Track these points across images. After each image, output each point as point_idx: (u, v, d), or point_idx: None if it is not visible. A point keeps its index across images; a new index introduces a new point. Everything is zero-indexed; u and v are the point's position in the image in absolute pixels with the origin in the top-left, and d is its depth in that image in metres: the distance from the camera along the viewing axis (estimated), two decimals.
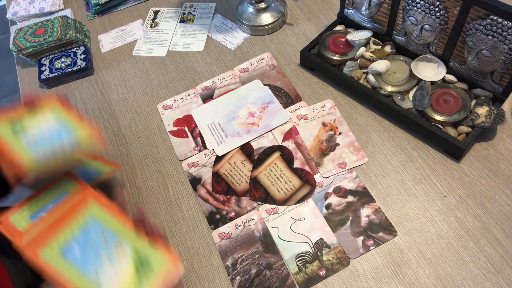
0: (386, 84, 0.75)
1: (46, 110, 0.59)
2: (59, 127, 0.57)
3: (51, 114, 0.59)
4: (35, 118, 0.58)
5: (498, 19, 0.61)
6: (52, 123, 0.58)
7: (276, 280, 0.62)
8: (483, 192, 0.65)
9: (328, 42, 0.81)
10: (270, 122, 0.78)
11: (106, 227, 0.54)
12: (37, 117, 0.58)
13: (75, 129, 0.57)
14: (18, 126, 0.56)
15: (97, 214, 0.55)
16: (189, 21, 0.99)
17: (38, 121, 0.57)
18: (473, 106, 0.69)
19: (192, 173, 0.74)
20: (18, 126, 0.56)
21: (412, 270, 0.60)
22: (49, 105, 0.60)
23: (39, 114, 0.59)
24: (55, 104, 0.60)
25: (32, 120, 0.57)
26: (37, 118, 0.58)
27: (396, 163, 0.70)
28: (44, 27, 0.93)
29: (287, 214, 0.67)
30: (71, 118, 0.59)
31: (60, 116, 0.59)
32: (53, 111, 0.59)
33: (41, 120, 0.58)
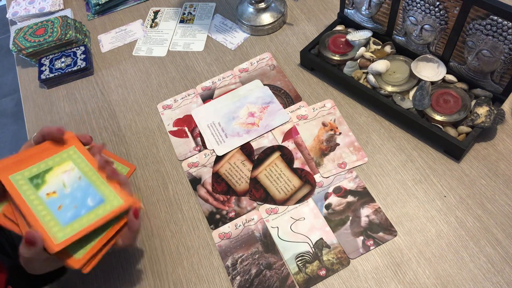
0: (386, 84, 0.75)
1: (64, 158, 0.57)
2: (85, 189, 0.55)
3: (72, 166, 0.57)
4: (55, 171, 0.56)
5: (498, 19, 0.61)
6: (75, 181, 0.56)
7: (276, 280, 0.62)
8: (483, 192, 0.66)
9: (328, 42, 0.81)
10: (270, 122, 0.78)
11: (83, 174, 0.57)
12: (56, 168, 0.56)
13: (105, 194, 0.55)
14: (38, 181, 0.55)
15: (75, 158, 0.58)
16: (189, 21, 0.99)
17: (58, 174, 0.56)
18: (473, 106, 0.69)
19: (192, 173, 0.74)
20: (38, 181, 0.55)
21: (412, 270, 0.60)
22: (67, 152, 0.58)
23: (58, 165, 0.57)
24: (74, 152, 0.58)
25: (51, 174, 0.56)
26: (56, 170, 0.56)
27: (396, 163, 0.70)
28: (44, 27, 0.93)
29: (287, 214, 0.67)
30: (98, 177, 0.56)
31: (85, 174, 0.56)
32: (75, 163, 0.57)
33: (61, 174, 0.56)
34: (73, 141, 0.59)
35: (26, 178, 0.54)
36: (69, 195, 0.54)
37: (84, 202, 0.54)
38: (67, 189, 0.55)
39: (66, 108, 0.87)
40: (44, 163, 0.56)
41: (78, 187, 0.55)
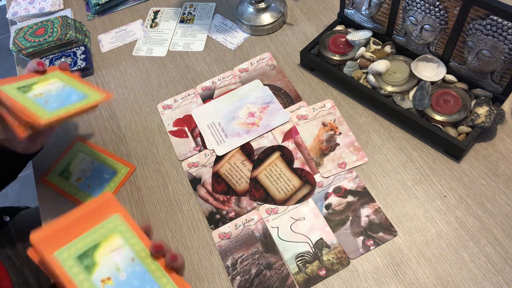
0: (386, 84, 0.75)
1: (50, 77, 0.64)
2: (69, 91, 0.62)
3: (57, 80, 0.63)
4: (41, 83, 0.62)
5: (498, 19, 0.61)
6: (60, 88, 0.62)
7: (276, 280, 0.62)
8: (483, 192, 0.65)
9: (328, 42, 0.81)
10: (270, 122, 0.78)
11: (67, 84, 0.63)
12: (42, 82, 0.63)
13: (86, 93, 0.62)
14: (26, 89, 0.61)
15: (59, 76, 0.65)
16: (189, 21, 0.99)
17: (44, 85, 0.62)
18: (473, 106, 0.69)
19: (192, 173, 0.74)
20: (26, 89, 0.61)
21: (412, 270, 0.60)
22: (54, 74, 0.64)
23: (43, 80, 0.63)
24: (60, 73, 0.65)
25: (38, 84, 0.62)
26: (43, 83, 0.63)
27: (396, 163, 0.70)
28: (44, 27, 0.93)
29: (287, 214, 0.67)
30: (80, 83, 0.64)
31: (68, 83, 0.63)
32: (58, 78, 0.64)
33: (48, 85, 0.62)
34: (115, 207, 0.50)
35: (73, 256, 0.44)
36: (125, 283, 0.45)
37: (69, 98, 0.57)
38: (122, 275, 0.45)
39: None
40: (90, 235, 0.46)
41: (133, 272, 0.46)
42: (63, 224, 0.46)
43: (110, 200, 0.50)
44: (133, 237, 0.48)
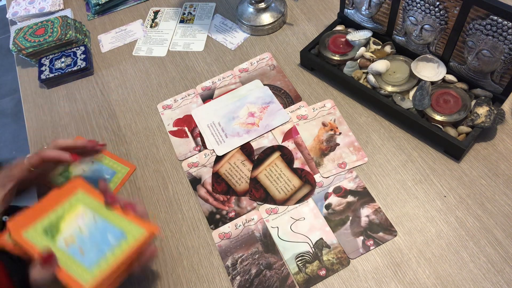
0: (386, 84, 0.75)
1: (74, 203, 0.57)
2: (103, 228, 0.55)
3: (84, 210, 0.56)
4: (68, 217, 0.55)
5: (498, 19, 0.61)
6: (91, 224, 0.55)
7: (276, 280, 0.62)
8: (483, 192, 0.65)
9: (328, 42, 0.81)
10: (270, 122, 0.78)
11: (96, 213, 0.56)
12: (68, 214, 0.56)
13: (124, 228, 0.55)
14: (51, 229, 0.54)
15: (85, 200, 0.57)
16: (189, 21, 0.99)
17: (72, 221, 0.55)
18: (473, 106, 0.69)
19: (192, 173, 0.74)
20: (51, 229, 0.54)
21: (412, 270, 0.60)
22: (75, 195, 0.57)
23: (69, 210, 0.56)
24: (82, 194, 0.58)
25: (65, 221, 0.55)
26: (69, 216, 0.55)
27: (396, 163, 0.70)
28: (44, 27, 0.93)
29: (287, 214, 0.67)
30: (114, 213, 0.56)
31: (100, 214, 0.56)
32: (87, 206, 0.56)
33: (76, 220, 0.55)
34: (78, 184, 0.58)
35: (39, 231, 0.53)
36: (88, 238, 0.53)
37: (105, 240, 0.53)
38: (85, 232, 0.54)
39: (66, 108, 0.87)
40: (54, 212, 0.55)
41: (95, 227, 0.54)
42: (33, 209, 0.55)
43: (76, 181, 0.59)
44: (95, 202, 0.56)
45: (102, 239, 0.53)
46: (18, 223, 0.54)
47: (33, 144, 0.83)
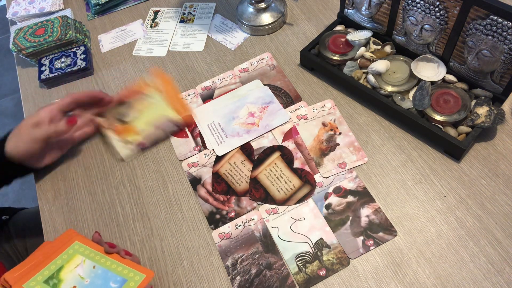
0: (386, 84, 0.75)
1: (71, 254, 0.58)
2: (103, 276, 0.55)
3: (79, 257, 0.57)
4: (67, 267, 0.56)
5: (498, 19, 0.61)
6: (88, 269, 0.56)
7: (276, 280, 0.62)
8: (483, 192, 0.66)
9: (328, 42, 0.81)
10: (270, 122, 0.78)
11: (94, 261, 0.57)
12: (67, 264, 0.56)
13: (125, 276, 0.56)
14: (55, 282, 0.55)
15: (81, 251, 0.58)
16: (189, 21, 0.99)
17: (72, 270, 0.56)
18: (473, 106, 0.69)
19: (192, 173, 0.74)
20: (55, 282, 0.55)
21: (412, 270, 0.60)
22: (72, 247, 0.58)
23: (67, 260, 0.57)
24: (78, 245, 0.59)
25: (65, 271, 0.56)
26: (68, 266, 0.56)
27: (396, 163, 0.70)
28: (44, 27, 0.93)
29: (287, 214, 0.67)
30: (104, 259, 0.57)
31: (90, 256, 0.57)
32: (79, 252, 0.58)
33: (75, 268, 0.56)
34: (74, 237, 0.60)
35: (40, 282, 0.54)
36: (90, 285, 0.54)
37: (108, 287, 0.54)
38: (86, 280, 0.55)
39: None
40: (54, 264, 0.56)
41: (96, 275, 0.55)
42: (32, 261, 0.56)
43: (70, 233, 0.61)
44: (92, 251, 0.58)
45: (105, 286, 0.54)
46: (16, 275, 0.54)
47: None
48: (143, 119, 0.76)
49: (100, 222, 0.71)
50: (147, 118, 0.76)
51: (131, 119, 0.73)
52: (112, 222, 0.71)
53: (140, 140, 0.75)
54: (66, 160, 0.79)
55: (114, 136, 0.75)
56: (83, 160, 0.79)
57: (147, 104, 0.72)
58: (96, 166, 0.78)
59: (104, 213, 0.72)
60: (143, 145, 0.74)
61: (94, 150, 0.80)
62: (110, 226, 0.70)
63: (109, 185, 0.75)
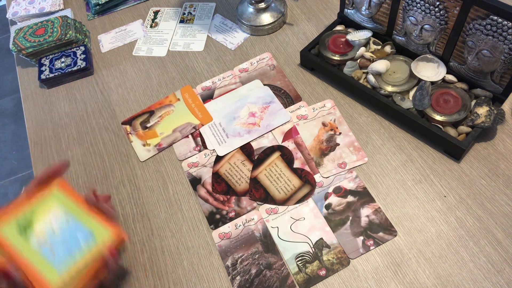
0: (386, 84, 0.75)
1: (49, 200, 0.58)
2: (73, 228, 0.57)
3: (57, 207, 0.58)
4: (41, 213, 0.57)
5: (498, 19, 0.61)
6: (63, 222, 0.57)
7: (276, 280, 0.62)
8: (483, 192, 0.66)
9: (328, 42, 0.81)
10: (271, 122, 0.78)
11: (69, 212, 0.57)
12: (42, 210, 0.57)
13: (92, 229, 0.57)
14: (25, 225, 0.56)
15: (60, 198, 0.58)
16: (189, 21, 0.99)
17: (45, 217, 0.57)
18: (473, 106, 0.69)
19: (192, 173, 0.74)
20: (25, 225, 0.56)
21: (412, 270, 0.60)
22: (51, 192, 0.59)
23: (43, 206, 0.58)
24: (58, 191, 0.59)
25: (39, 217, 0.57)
26: (43, 212, 0.57)
27: (396, 163, 0.70)
28: (44, 27, 0.93)
29: (287, 214, 0.67)
30: (84, 212, 0.58)
31: (72, 212, 0.58)
32: (60, 202, 0.58)
33: (48, 217, 0.57)
34: (56, 181, 0.60)
35: (14, 227, 0.55)
36: (59, 237, 0.55)
37: (75, 241, 0.55)
38: (57, 232, 0.56)
39: (66, 108, 0.87)
40: (29, 209, 0.57)
41: (67, 227, 0.56)
42: (10, 206, 0.56)
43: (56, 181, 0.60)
44: (69, 200, 0.58)
45: (73, 240, 0.55)
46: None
47: (33, 144, 0.83)
48: (164, 124, 0.80)
49: None
50: (167, 123, 0.80)
51: (152, 124, 0.79)
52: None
53: (159, 141, 0.78)
54: None
55: (137, 140, 0.78)
56: (83, 160, 0.79)
57: (169, 112, 0.78)
58: (96, 166, 0.78)
59: None
60: (160, 145, 0.77)
61: (94, 150, 0.80)
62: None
63: (109, 185, 0.75)
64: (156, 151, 0.77)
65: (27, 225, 0.56)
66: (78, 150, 0.80)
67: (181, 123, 0.80)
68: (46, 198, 0.58)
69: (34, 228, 0.55)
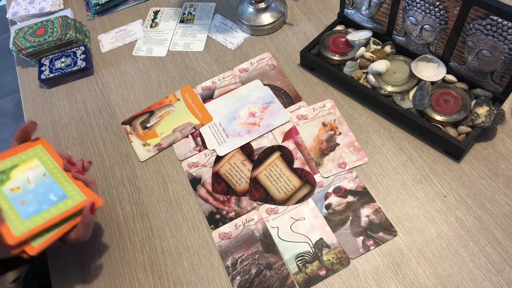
0: (386, 84, 0.75)
1: (30, 155, 0.60)
2: (48, 185, 0.58)
3: (37, 164, 0.60)
4: (21, 166, 0.59)
5: (498, 19, 0.61)
6: (39, 178, 0.59)
7: (276, 280, 0.62)
8: (483, 192, 0.66)
9: (328, 42, 0.81)
10: (271, 122, 0.78)
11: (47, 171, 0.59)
12: (22, 164, 0.59)
13: (66, 191, 0.58)
14: (4, 176, 0.57)
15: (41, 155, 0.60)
16: (189, 21, 0.99)
17: (24, 171, 0.59)
18: (473, 106, 0.69)
19: (192, 173, 0.74)
20: (4, 176, 0.57)
21: (412, 270, 0.60)
22: (34, 149, 0.61)
23: (24, 161, 0.60)
24: (41, 150, 0.61)
25: (17, 170, 0.58)
26: (22, 166, 0.59)
27: (396, 163, 0.70)
28: (44, 27, 0.93)
29: (287, 214, 0.67)
30: (62, 174, 0.60)
31: (49, 171, 0.60)
32: (40, 161, 0.60)
33: (27, 171, 0.59)
34: (41, 141, 0.62)
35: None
36: (32, 191, 0.57)
37: (47, 197, 0.56)
38: (31, 185, 0.57)
39: (66, 108, 0.87)
40: (10, 160, 0.59)
41: (42, 183, 0.58)
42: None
43: (39, 139, 0.62)
44: (49, 160, 0.60)
45: (45, 195, 0.57)
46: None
47: None
48: (164, 124, 0.80)
49: (100, 222, 0.71)
50: (167, 123, 0.80)
51: (152, 124, 0.79)
52: (112, 222, 0.71)
53: (159, 141, 0.78)
54: None
55: (137, 140, 0.79)
56: None
57: (169, 112, 0.79)
58: (96, 166, 0.78)
59: (104, 213, 0.72)
60: (160, 145, 0.77)
61: (94, 150, 0.80)
62: (110, 226, 0.70)
63: (109, 185, 0.75)
64: (156, 151, 0.77)
65: (4, 173, 0.57)
66: (78, 150, 0.80)
67: (181, 123, 0.80)
68: (28, 154, 0.60)
69: (11, 179, 0.57)
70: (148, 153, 0.77)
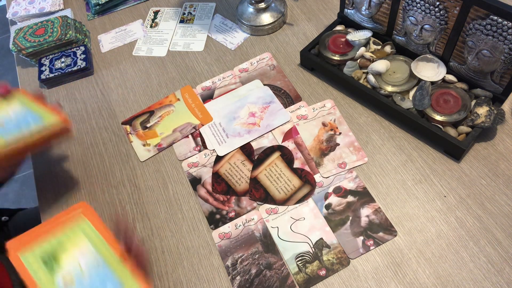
0: (386, 84, 0.75)
1: (12, 100, 0.65)
2: (26, 114, 0.63)
3: (17, 104, 0.65)
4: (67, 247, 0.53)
5: (498, 19, 0.61)
6: (18, 111, 0.63)
7: (276, 280, 0.62)
8: (483, 192, 0.66)
9: (328, 42, 0.81)
10: (271, 122, 0.78)
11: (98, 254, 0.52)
12: (3, 106, 0.64)
13: (42, 115, 0.63)
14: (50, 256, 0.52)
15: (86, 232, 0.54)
16: (189, 21, 0.99)
17: (5, 109, 0.64)
18: (473, 106, 0.69)
19: (192, 173, 0.74)
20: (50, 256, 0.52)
21: (412, 270, 0.60)
22: (16, 96, 0.66)
23: (5, 104, 0.65)
24: (22, 96, 0.66)
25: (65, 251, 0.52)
26: (3, 107, 0.64)
27: (396, 163, 0.70)
28: (44, 27, 0.93)
29: (287, 214, 0.67)
30: (38, 106, 0.65)
31: (27, 105, 0.64)
32: (19, 101, 0.65)
33: (8, 109, 0.64)
34: (86, 213, 0.56)
35: (38, 258, 0.51)
36: (87, 282, 0.50)
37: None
38: (85, 275, 0.51)
39: (66, 108, 0.87)
40: (56, 239, 0.52)
41: (96, 272, 0.51)
42: (35, 231, 0.52)
43: (81, 205, 0.56)
44: (99, 238, 0.53)
45: (101, 286, 0.50)
46: (17, 244, 0.51)
47: None
48: (164, 124, 0.80)
49: None
50: (167, 123, 0.80)
51: (152, 124, 0.80)
52: (112, 222, 0.70)
53: (159, 141, 0.78)
54: (66, 160, 0.79)
55: (137, 140, 0.79)
56: (83, 160, 0.79)
57: (169, 112, 0.80)
58: (96, 166, 0.78)
59: (104, 213, 0.72)
60: (160, 145, 0.77)
61: (94, 150, 0.80)
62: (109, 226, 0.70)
63: (109, 185, 0.75)
64: (156, 151, 0.77)
65: (52, 259, 0.51)
66: (78, 150, 0.80)
67: (181, 123, 0.80)
68: (72, 227, 0.54)
69: (61, 265, 0.51)
70: (148, 153, 0.77)
